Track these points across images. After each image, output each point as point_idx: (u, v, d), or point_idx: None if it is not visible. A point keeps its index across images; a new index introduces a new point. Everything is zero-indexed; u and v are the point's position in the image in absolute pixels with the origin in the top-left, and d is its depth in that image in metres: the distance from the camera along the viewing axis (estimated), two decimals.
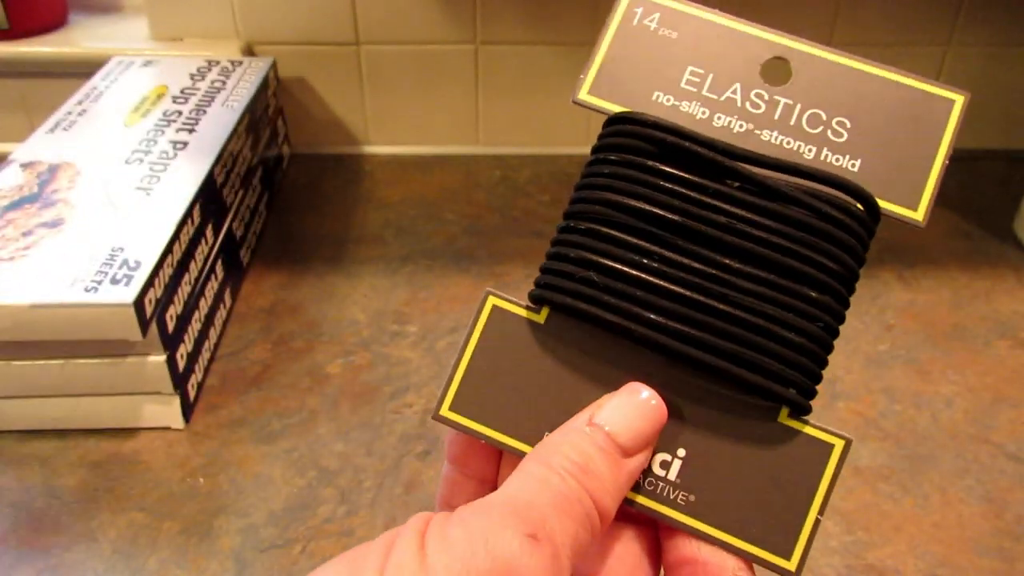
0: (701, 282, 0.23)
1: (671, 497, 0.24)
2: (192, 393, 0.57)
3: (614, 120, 0.25)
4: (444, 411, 0.25)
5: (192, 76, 0.76)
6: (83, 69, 0.78)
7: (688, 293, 0.23)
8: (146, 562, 0.47)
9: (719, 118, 0.25)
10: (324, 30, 0.83)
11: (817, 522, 0.23)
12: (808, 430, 0.24)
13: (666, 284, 0.23)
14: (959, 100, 0.25)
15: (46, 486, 0.52)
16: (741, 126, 0.25)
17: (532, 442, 0.24)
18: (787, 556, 0.23)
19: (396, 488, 0.52)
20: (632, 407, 0.23)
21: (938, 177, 0.24)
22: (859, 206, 0.24)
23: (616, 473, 0.22)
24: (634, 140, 0.24)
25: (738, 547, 0.23)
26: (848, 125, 0.25)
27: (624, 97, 0.26)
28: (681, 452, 0.24)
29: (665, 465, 0.24)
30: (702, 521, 0.24)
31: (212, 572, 0.47)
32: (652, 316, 0.23)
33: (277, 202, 0.81)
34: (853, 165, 0.25)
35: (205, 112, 0.70)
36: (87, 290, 0.50)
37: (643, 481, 0.24)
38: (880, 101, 0.25)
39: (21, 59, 0.83)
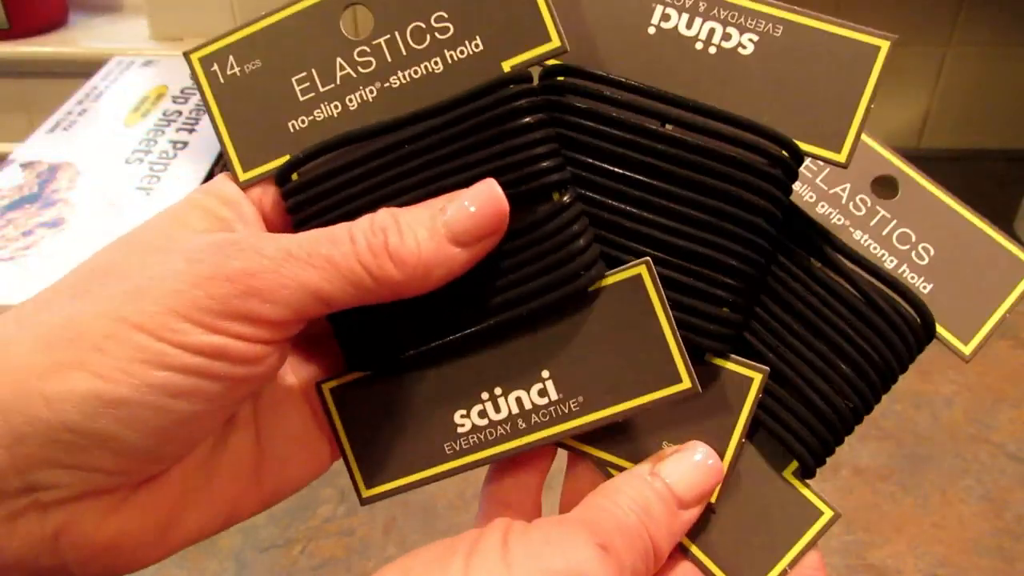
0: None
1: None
2: None
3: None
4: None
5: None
6: (83, 69, 0.78)
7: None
8: None
9: (822, 206, 0.28)
10: None
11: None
12: (805, 492, 0.26)
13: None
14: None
15: None
16: (840, 220, 0.28)
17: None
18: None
19: None
20: (692, 464, 0.24)
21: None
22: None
23: (671, 521, 0.23)
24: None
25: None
26: (932, 252, 0.27)
27: None
28: None
29: None
30: (692, 542, 0.26)
31: (212, 572, 0.47)
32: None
33: None
34: (926, 288, 0.27)
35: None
36: None
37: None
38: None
39: (21, 59, 0.83)
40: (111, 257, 0.22)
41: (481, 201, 0.22)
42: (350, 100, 0.25)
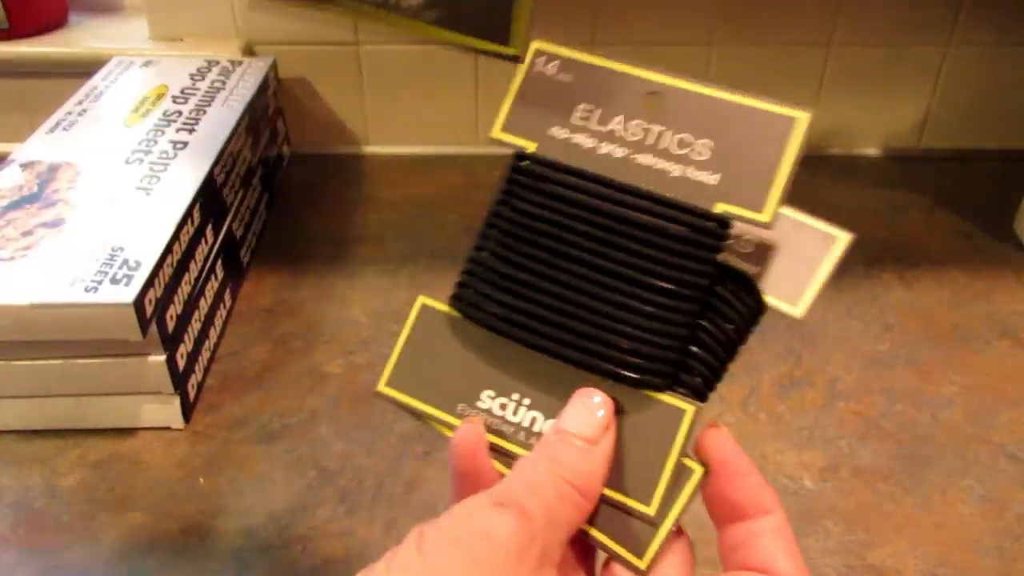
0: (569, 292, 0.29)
1: None
2: (192, 393, 0.57)
3: (518, 158, 0.31)
4: (381, 388, 0.30)
5: (192, 76, 0.76)
6: (83, 69, 0.78)
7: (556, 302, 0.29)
8: (146, 562, 0.47)
9: (603, 146, 0.30)
10: (324, 30, 0.83)
11: (674, 471, 0.27)
12: (664, 398, 0.28)
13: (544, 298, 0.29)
14: (802, 117, 0.28)
15: (46, 486, 0.52)
16: (622, 152, 0.30)
17: (450, 411, 0.29)
18: (647, 502, 0.27)
19: (396, 488, 0.52)
20: (583, 407, 0.27)
21: (785, 185, 0.27)
22: (710, 223, 0.28)
23: (586, 459, 0.26)
24: (529, 177, 0.30)
25: (608, 496, 0.27)
26: (712, 145, 0.29)
27: (527, 132, 0.31)
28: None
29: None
30: None
31: (212, 572, 0.47)
32: (535, 324, 0.29)
33: (277, 202, 0.81)
34: (713, 179, 0.29)
35: (205, 112, 0.71)
36: (87, 290, 0.50)
37: (525, 439, 0.29)
38: (737, 122, 0.29)
39: (21, 59, 0.83)
40: None
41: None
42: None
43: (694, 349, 0.28)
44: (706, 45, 0.83)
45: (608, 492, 0.27)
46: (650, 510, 0.27)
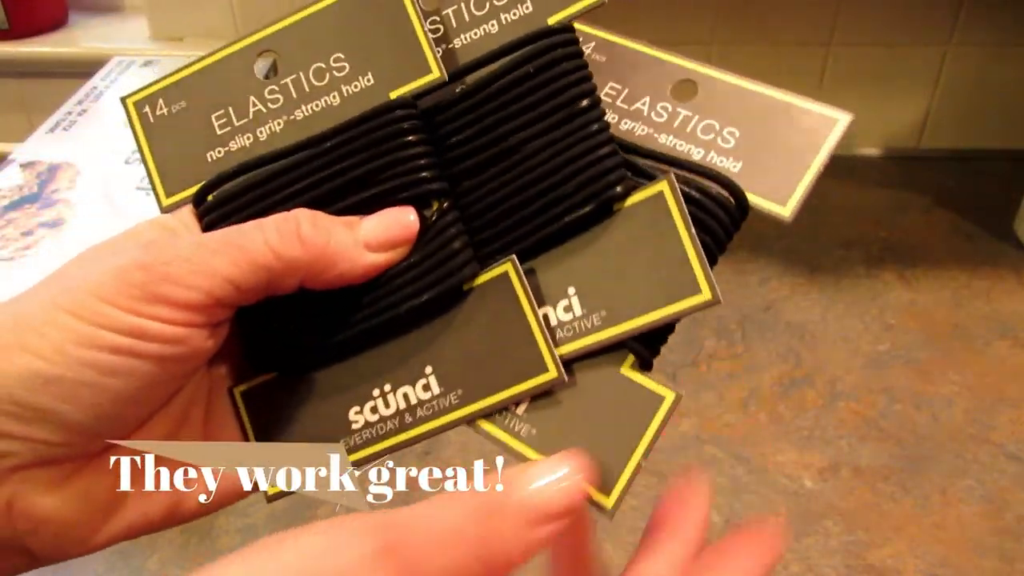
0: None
1: (517, 430, 0.26)
2: None
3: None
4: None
5: None
6: (83, 69, 0.78)
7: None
8: (146, 562, 0.47)
9: (625, 123, 0.28)
10: None
11: (638, 466, 0.24)
12: (644, 382, 0.25)
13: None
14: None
15: None
16: (643, 130, 0.28)
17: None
18: (607, 493, 0.25)
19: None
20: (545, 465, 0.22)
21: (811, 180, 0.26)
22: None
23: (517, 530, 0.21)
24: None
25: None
26: (737, 134, 0.27)
27: None
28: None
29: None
30: (538, 452, 0.25)
31: None
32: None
33: None
34: (735, 167, 0.27)
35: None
36: None
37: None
38: (767, 115, 0.27)
39: (21, 59, 0.83)
40: (63, 267, 0.25)
41: (392, 219, 0.25)
42: (260, 132, 0.28)
43: None
44: (706, 44, 0.83)
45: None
46: (608, 502, 0.24)
